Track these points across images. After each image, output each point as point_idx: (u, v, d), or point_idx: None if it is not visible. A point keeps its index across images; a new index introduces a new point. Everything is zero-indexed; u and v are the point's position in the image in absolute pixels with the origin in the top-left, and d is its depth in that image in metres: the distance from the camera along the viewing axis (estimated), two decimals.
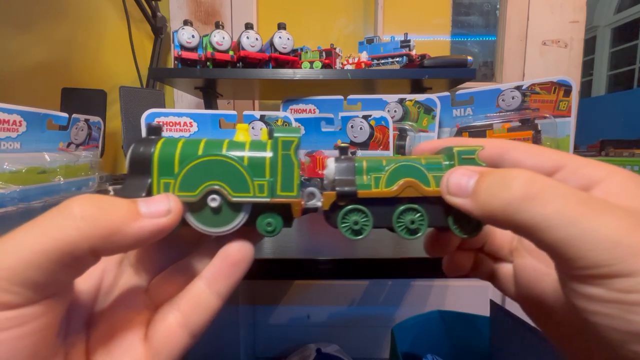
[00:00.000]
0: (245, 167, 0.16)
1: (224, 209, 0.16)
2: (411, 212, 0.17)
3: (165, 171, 0.16)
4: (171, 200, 0.15)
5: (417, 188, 0.16)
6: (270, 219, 0.16)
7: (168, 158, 0.16)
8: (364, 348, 1.00)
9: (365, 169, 0.17)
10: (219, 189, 0.16)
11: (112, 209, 0.13)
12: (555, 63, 0.94)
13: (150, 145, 0.16)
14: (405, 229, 0.17)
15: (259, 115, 0.51)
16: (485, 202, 0.14)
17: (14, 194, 0.43)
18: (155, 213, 0.14)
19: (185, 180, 0.16)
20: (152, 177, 0.16)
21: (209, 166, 0.16)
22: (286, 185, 0.16)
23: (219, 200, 0.16)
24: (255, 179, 0.16)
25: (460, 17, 1.04)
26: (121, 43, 0.91)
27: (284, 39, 0.63)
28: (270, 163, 0.16)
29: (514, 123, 0.48)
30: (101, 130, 0.61)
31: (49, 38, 0.94)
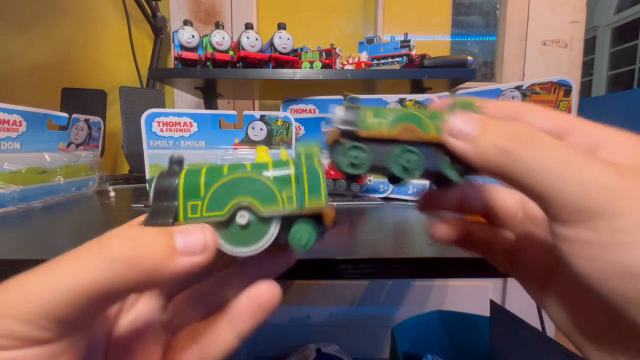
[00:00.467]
0: (272, 180, 0.16)
1: (253, 226, 0.16)
2: (408, 153, 0.17)
3: (192, 194, 0.15)
4: (207, 233, 0.14)
5: (416, 132, 0.17)
6: (302, 232, 0.16)
7: (194, 183, 0.16)
8: (364, 348, 1.00)
9: (370, 115, 0.18)
10: (248, 204, 0.15)
11: (150, 249, 0.13)
12: (555, 63, 0.94)
13: (174, 176, 0.16)
14: (401, 168, 0.17)
15: (259, 115, 0.51)
16: (484, 146, 0.14)
17: (14, 194, 0.43)
18: (191, 249, 0.14)
19: (213, 200, 0.15)
20: (178, 201, 0.15)
21: (236, 184, 0.16)
22: (314, 195, 0.16)
23: (247, 216, 0.16)
24: (284, 191, 0.16)
25: (460, 17, 1.04)
26: (121, 43, 0.91)
27: (284, 39, 0.63)
28: (296, 175, 0.16)
29: None
30: (101, 130, 0.61)
31: (49, 38, 0.94)
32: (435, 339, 0.78)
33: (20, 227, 0.36)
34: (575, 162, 0.12)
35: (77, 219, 0.42)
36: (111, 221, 0.40)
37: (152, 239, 0.13)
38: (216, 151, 0.50)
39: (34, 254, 0.27)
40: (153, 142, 0.49)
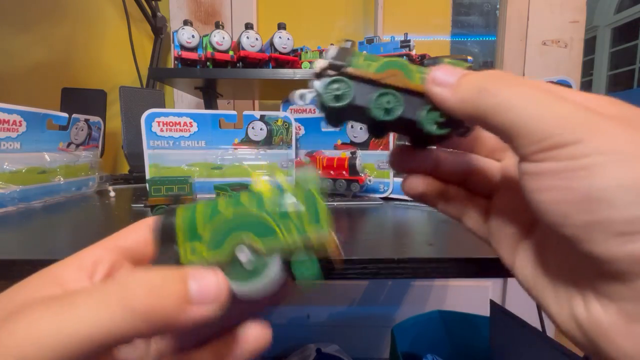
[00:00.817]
0: (269, 213, 0.15)
1: (256, 262, 0.15)
2: (389, 96, 0.18)
3: (191, 235, 0.15)
4: (220, 282, 0.14)
5: (401, 78, 0.17)
6: (305, 264, 0.16)
7: (190, 221, 0.15)
8: (364, 348, 1.00)
9: (362, 56, 0.18)
10: (247, 239, 0.15)
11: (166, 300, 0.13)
12: (555, 63, 0.94)
13: (171, 214, 0.16)
14: (380, 108, 0.18)
15: (259, 115, 0.51)
16: (463, 89, 0.15)
17: (14, 194, 0.43)
18: (205, 298, 0.14)
19: (212, 240, 0.15)
20: (177, 244, 0.15)
21: (234, 221, 0.15)
22: (314, 223, 0.15)
23: (247, 252, 0.15)
24: (282, 223, 0.15)
25: (460, 17, 1.04)
26: (121, 43, 0.91)
27: (284, 39, 0.63)
28: (294, 204, 0.15)
29: None
30: (101, 130, 0.61)
31: (49, 38, 0.94)
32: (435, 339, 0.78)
33: (20, 227, 0.36)
34: (543, 98, 0.13)
35: (77, 219, 0.42)
36: (111, 221, 0.40)
37: (167, 286, 0.13)
38: (216, 151, 0.51)
39: (34, 254, 0.27)
40: (153, 142, 0.49)
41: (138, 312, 0.12)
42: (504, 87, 0.14)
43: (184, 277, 0.14)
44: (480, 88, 0.14)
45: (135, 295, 0.12)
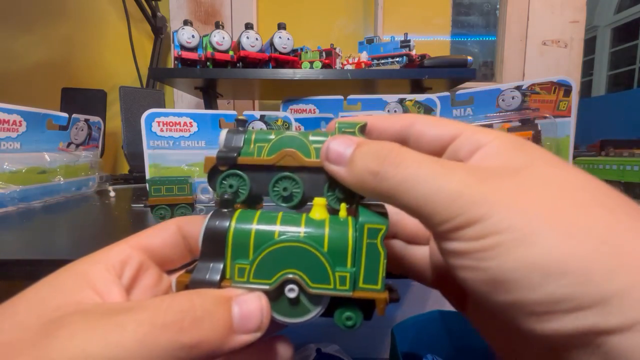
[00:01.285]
0: (325, 254, 0.14)
1: (301, 299, 0.15)
2: (285, 180, 0.17)
3: (240, 254, 0.15)
4: (264, 311, 0.14)
5: (296, 157, 0.16)
6: (350, 313, 0.15)
7: (243, 240, 0.15)
8: (364, 348, 1.00)
9: (253, 140, 0.17)
10: (297, 278, 0.15)
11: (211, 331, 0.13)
12: (555, 63, 0.94)
13: (225, 220, 0.15)
14: (279, 196, 0.17)
15: (259, 115, 0.51)
16: (357, 170, 0.15)
17: (14, 194, 0.43)
18: (248, 328, 0.14)
19: (261, 267, 0.15)
20: (225, 259, 0.15)
21: (287, 252, 0.15)
22: (370, 278, 0.15)
23: (297, 290, 0.15)
24: (337, 270, 0.14)
25: (460, 17, 1.04)
26: (121, 43, 0.91)
27: (284, 39, 0.63)
28: (353, 250, 0.15)
29: (514, 123, 0.48)
30: (101, 130, 0.61)
31: (49, 38, 0.94)
32: (435, 339, 0.78)
33: (20, 227, 0.36)
34: (439, 175, 0.13)
35: (77, 219, 0.42)
36: (111, 221, 0.40)
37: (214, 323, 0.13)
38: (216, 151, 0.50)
39: (34, 254, 0.27)
40: (153, 142, 0.49)
41: (184, 346, 0.12)
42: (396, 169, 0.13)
43: (228, 306, 0.14)
44: (372, 172, 0.14)
45: (182, 328, 0.12)
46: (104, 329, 0.12)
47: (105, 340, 0.12)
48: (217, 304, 0.13)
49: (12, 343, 0.12)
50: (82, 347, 0.11)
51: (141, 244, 0.17)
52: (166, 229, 0.17)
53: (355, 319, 0.15)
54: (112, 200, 0.52)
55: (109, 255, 0.15)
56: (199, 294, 0.14)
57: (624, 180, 0.48)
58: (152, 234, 0.17)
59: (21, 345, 0.12)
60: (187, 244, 0.18)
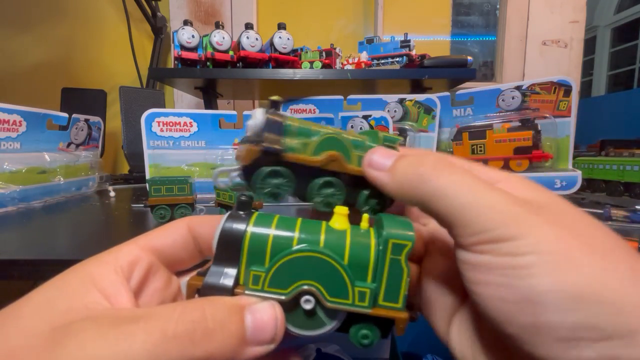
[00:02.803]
0: (346, 267, 0.14)
1: (317, 312, 0.14)
2: (329, 186, 0.17)
3: (256, 260, 0.14)
4: (279, 321, 0.14)
5: (341, 163, 0.16)
6: (367, 331, 0.15)
7: (260, 245, 0.14)
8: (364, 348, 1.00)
9: (295, 131, 0.16)
10: (314, 290, 0.14)
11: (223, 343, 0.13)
12: (555, 63, 0.94)
13: (242, 224, 0.14)
14: (323, 202, 0.17)
15: None
16: (400, 174, 0.15)
17: (14, 194, 0.43)
18: (261, 339, 0.13)
19: (278, 275, 0.14)
20: (240, 264, 0.14)
21: (305, 262, 0.14)
22: (391, 296, 0.14)
23: (313, 302, 0.14)
24: (357, 284, 0.14)
25: (460, 17, 1.04)
26: (121, 43, 0.91)
27: (284, 39, 0.63)
28: (375, 264, 0.14)
29: (514, 123, 0.48)
30: (101, 130, 0.61)
31: (49, 38, 0.94)
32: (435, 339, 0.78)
33: (20, 227, 0.36)
34: (480, 189, 0.13)
35: (77, 219, 0.42)
36: (111, 221, 0.40)
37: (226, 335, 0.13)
38: (216, 151, 0.50)
39: (34, 254, 0.27)
40: (153, 142, 0.49)
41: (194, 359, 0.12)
42: (440, 176, 0.14)
43: (241, 316, 0.13)
44: (417, 174, 0.14)
45: (193, 340, 0.12)
46: (114, 338, 0.12)
47: (114, 350, 0.11)
48: (230, 314, 0.13)
49: (19, 350, 0.12)
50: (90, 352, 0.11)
51: (151, 244, 0.16)
52: (176, 229, 0.17)
53: (372, 338, 0.15)
54: (112, 200, 0.52)
55: (117, 256, 0.15)
56: (212, 302, 0.13)
57: (624, 180, 0.48)
58: (162, 234, 0.17)
59: (28, 353, 0.12)
60: (197, 244, 0.17)
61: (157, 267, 0.16)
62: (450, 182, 0.14)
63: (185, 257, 0.17)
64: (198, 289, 0.14)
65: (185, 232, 0.17)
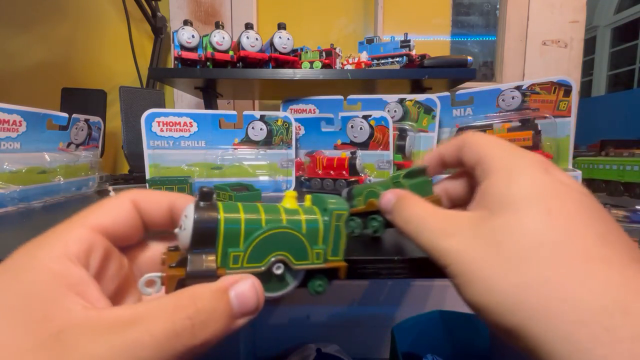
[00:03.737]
0: (305, 236, 0.18)
1: (284, 276, 0.18)
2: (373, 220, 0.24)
3: (232, 242, 0.16)
4: (259, 293, 0.16)
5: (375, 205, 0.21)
6: (320, 281, 0.19)
7: (234, 232, 0.16)
8: (364, 348, 1.00)
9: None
10: (284, 258, 0.17)
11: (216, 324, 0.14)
12: (555, 63, 0.94)
13: (213, 216, 0.16)
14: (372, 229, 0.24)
15: (259, 115, 0.51)
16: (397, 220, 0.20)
17: (14, 194, 0.43)
18: (246, 311, 0.15)
19: (254, 252, 0.16)
20: (217, 248, 0.16)
21: (274, 237, 0.17)
22: (335, 252, 0.19)
23: (282, 268, 0.17)
24: (313, 248, 0.18)
25: (460, 17, 1.04)
26: (121, 43, 0.91)
27: (284, 39, 0.63)
28: (323, 231, 0.18)
29: (514, 123, 0.48)
30: (101, 130, 0.61)
31: (49, 38, 0.94)
32: (435, 339, 0.78)
33: (20, 227, 0.36)
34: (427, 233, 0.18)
35: None
36: None
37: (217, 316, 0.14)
38: (216, 151, 0.50)
39: None
40: (153, 142, 0.49)
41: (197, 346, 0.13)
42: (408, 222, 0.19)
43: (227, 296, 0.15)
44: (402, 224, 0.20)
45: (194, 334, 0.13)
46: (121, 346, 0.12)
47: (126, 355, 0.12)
48: (218, 299, 0.14)
49: None
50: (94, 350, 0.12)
51: (100, 225, 0.16)
52: (121, 204, 0.17)
53: (324, 285, 0.19)
54: None
55: (66, 242, 0.14)
56: (200, 294, 0.14)
57: (624, 180, 0.48)
58: (108, 212, 0.16)
59: None
60: (142, 220, 0.17)
61: (111, 251, 0.16)
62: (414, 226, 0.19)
63: (132, 234, 0.17)
64: (180, 279, 0.15)
65: (130, 208, 0.17)
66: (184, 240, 0.16)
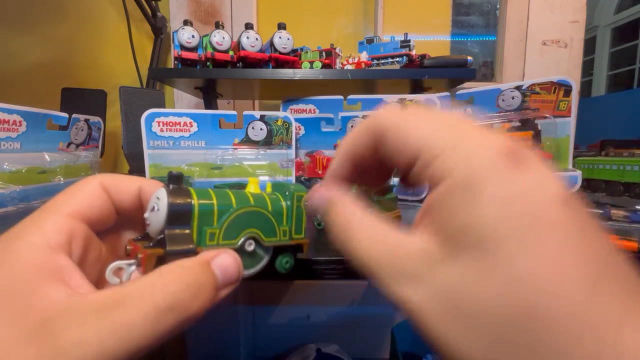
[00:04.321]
0: (272, 215, 0.19)
1: (256, 253, 0.19)
2: None
3: (207, 222, 0.17)
4: (239, 264, 0.16)
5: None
6: (287, 258, 0.21)
7: (208, 211, 0.17)
8: (364, 348, 1.00)
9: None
10: (255, 235, 0.19)
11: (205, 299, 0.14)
12: (555, 63, 0.94)
13: (186, 197, 0.17)
14: None
15: (259, 115, 0.51)
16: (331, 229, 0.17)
17: (14, 194, 0.43)
18: (229, 282, 0.16)
19: (228, 230, 0.18)
20: (192, 227, 0.17)
21: (246, 216, 0.18)
22: (298, 230, 0.21)
23: (254, 244, 0.19)
24: (280, 226, 0.20)
25: (460, 17, 1.04)
26: (121, 43, 0.91)
27: (284, 39, 0.63)
28: (286, 211, 0.20)
29: (514, 123, 0.48)
30: (101, 130, 0.61)
31: (49, 38, 0.94)
32: None
33: None
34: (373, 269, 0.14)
35: None
36: None
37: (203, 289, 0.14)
38: (216, 151, 0.50)
39: None
40: (153, 142, 0.49)
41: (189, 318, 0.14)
42: None
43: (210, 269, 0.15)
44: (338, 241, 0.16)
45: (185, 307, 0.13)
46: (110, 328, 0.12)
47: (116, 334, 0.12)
48: (203, 273, 0.15)
49: None
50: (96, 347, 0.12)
51: (76, 211, 0.16)
52: (93, 190, 0.16)
53: (290, 262, 0.21)
54: None
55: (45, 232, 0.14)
56: (186, 269, 0.14)
57: (624, 180, 0.48)
58: (81, 197, 0.16)
59: None
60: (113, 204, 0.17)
61: (90, 237, 0.16)
62: None
63: (106, 219, 0.17)
64: (159, 256, 0.16)
65: (102, 193, 0.17)
66: (157, 222, 0.16)
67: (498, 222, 0.11)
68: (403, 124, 0.14)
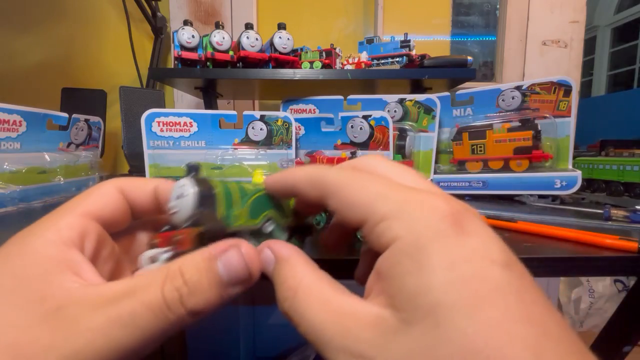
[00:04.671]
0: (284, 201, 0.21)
1: (274, 233, 0.20)
2: None
3: (228, 205, 0.18)
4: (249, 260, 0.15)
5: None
6: (296, 242, 0.22)
7: (232, 191, 0.18)
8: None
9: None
10: (273, 215, 0.20)
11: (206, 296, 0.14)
12: (555, 63, 0.94)
13: (209, 183, 0.18)
14: None
15: (259, 115, 0.51)
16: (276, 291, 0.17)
17: (14, 194, 0.43)
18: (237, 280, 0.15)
19: (251, 212, 0.19)
20: (217, 209, 0.17)
21: (262, 199, 0.20)
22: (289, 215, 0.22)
23: (273, 225, 0.20)
24: (288, 209, 0.21)
25: (460, 17, 1.04)
26: (121, 43, 0.91)
27: (284, 39, 0.63)
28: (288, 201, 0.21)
29: (514, 123, 0.48)
30: (101, 130, 0.61)
31: (49, 38, 0.94)
32: None
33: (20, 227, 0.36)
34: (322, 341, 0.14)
35: None
36: None
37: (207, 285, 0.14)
38: (216, 151, 0.50)
39: None
40: (153, 142, 0.49)
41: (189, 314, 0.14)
42: None
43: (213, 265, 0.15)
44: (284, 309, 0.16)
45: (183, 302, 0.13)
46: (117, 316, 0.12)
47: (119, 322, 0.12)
48: (206, 270, 0.14)
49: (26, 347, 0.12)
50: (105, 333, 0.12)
51: (90, 212, 0.16)
52: (108, 192, 0.17)
53: (298, 244, 0.21)
54: None
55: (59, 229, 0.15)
56: (186, 267, 0.14)
57: (624, 180, 0.48)
58: (96, 198, 0.17)
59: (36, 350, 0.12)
60: (129, 205, 0.18)
61: (103, 235, 0.17)
62: None
63: (121, 220, 0.18)
64: (200, 232, 0.16)
65: (116, 194, 0.17)
66: (186, 207, 0.16)
67: (445, 289, 0.11)
68: (348, 187, 0.15)
